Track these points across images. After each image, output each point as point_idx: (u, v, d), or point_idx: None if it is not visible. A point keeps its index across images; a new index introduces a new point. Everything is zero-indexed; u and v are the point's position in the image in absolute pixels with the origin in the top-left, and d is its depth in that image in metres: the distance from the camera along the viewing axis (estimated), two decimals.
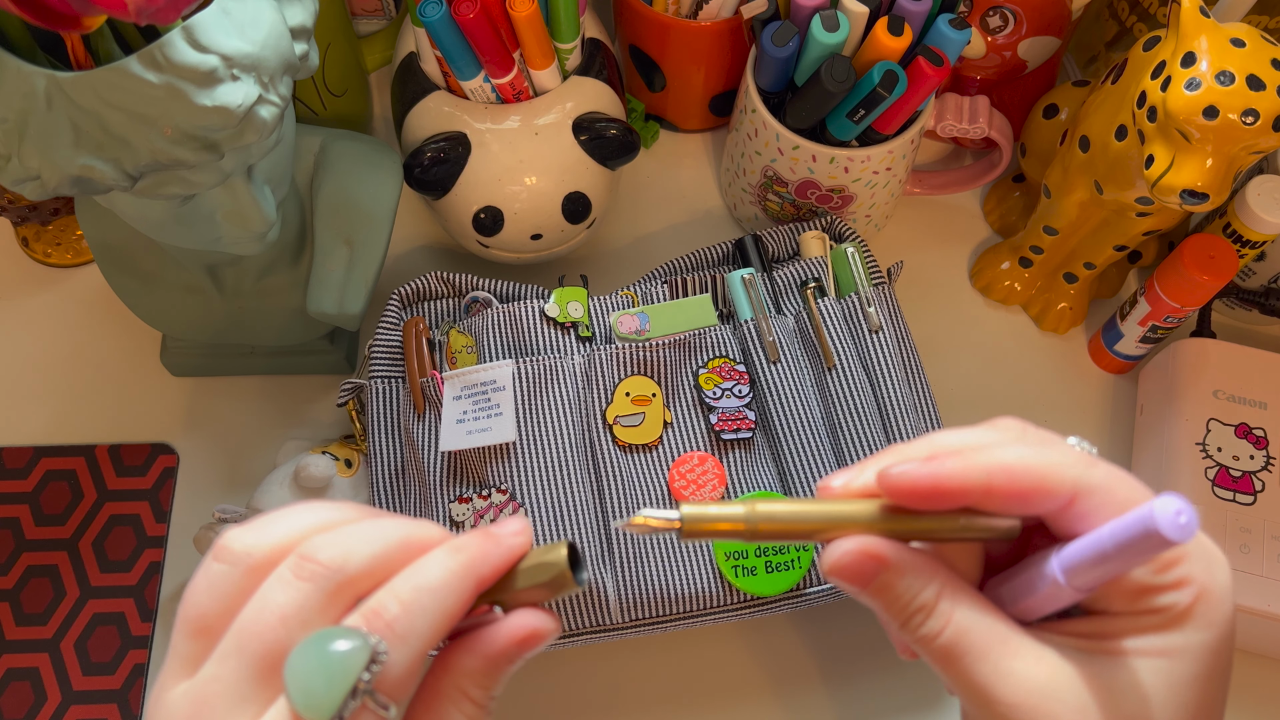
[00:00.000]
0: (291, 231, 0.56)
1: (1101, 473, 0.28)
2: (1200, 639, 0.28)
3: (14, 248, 0.68)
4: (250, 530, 0.29)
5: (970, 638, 0.28)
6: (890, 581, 0.28)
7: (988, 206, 0.71)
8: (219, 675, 0.27)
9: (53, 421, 0.63)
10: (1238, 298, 0.65)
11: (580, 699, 0.57)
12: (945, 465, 0.28)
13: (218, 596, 0.28)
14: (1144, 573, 0.28)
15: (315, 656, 0.26)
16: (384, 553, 0.28)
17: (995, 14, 0.63)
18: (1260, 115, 0.47)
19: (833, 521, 0.29)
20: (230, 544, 0.28)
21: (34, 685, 0.57)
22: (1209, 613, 0.28)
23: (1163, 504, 0.25)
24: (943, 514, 0.29)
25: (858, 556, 0.28)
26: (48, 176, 0.41)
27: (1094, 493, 0.28)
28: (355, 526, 0.29)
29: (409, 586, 0.27)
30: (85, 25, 0.38)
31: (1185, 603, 0.28)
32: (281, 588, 0.27)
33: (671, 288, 0.58)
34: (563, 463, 0.52)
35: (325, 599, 0.27)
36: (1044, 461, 0.28)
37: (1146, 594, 0.28)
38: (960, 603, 0.28)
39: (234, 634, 0.27)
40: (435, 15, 0.54)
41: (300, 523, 0.29)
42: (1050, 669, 0.27)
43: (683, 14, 0.64)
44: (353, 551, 0.28)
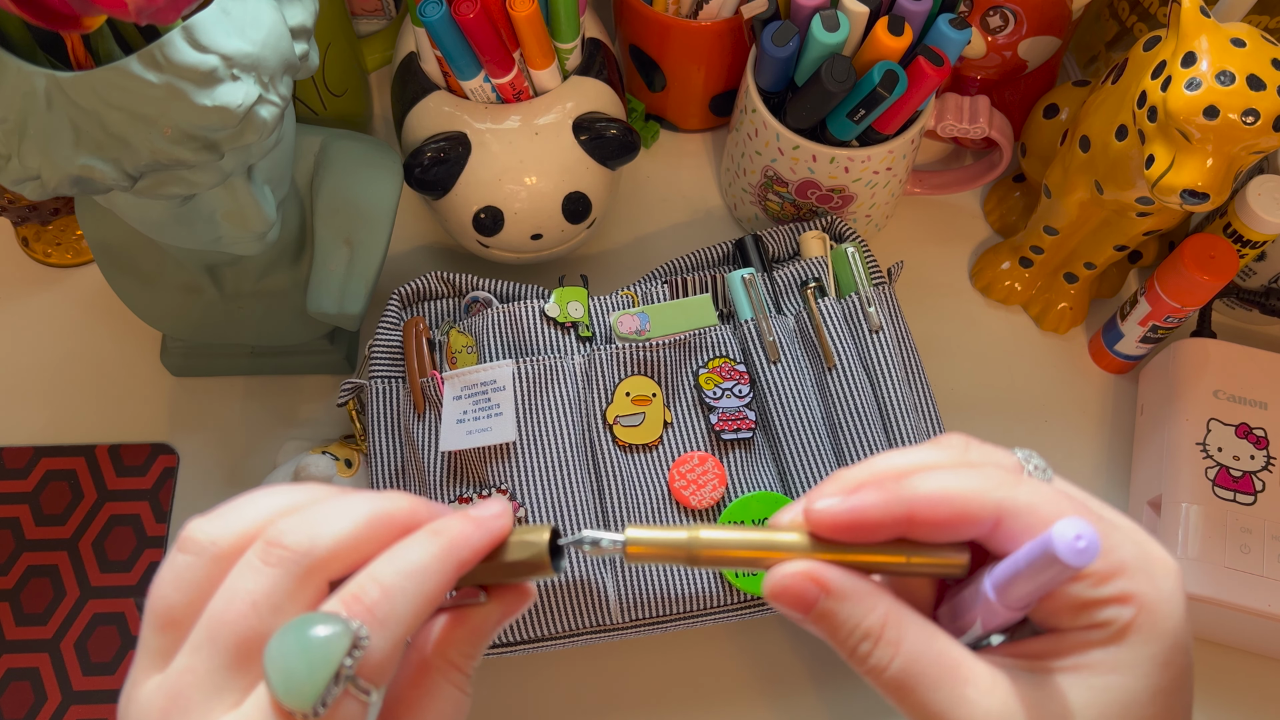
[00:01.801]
0: (291, 231, 0.56)
1: (1026, 493, 0.28)
2: (1147, 652, 0.27)
3: (14, 248, 0.68)
4: (214, 518, 0.28)
5: (921, 665, 0.27)
6: (832, 608, 0.28)
7: (988, 206, 0.71)
8: (192, 666, 0.26)
9: (53, 421, 0.63)
10: (1238, 298, 0.65)
11: (580, 699, 0.57)
12: (864, 499, 0.28)
13: (184, 588, 0.27)
14: (1082, 588, 0.27)
15: (296, 643, 0.25)
16: (353, 532, 0.28)
17: (995, 14, 0.63)
18: (1260, 115, 0.47)
19: (775, 549, 0.28)
20: (194, 534, 0.28)
21: (34, 685, 0.57)
22: (1154, 624, 0.27)
23: (1061, 528, 0.25)
24: (881, 545, 0.28)
25: (799, 579, 0.28)
26: (48, 176, 0.41)
27: (1018, 514, 0.27)
28: (321, 507, 0.28)
29: (390, 570, 0.27)
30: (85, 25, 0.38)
31: (1126, 617, 0.27)
32: (251, 574, 0.27)
33: (671, 288, 0.58)
34: (563, 463, 0.52)
35: (295, 583, 0.27)
36: (966, 488, 0.28)
37: (1087, 609, 0.27)
38: (908, 629, 0.28)
39: (204, 624, 0.27)
40: (435, 15, 0.54)
41: (265, 507, 0.29)
42: (1004, 695, 0.27)
43: (683, 14, 0.64)
44: (319, 533, 0.27)
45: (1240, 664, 0.59)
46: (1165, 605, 0.27)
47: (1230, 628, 0.56)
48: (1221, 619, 0.55)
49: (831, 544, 0.28)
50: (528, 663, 0.57)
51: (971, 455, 0.30)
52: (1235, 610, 0.54)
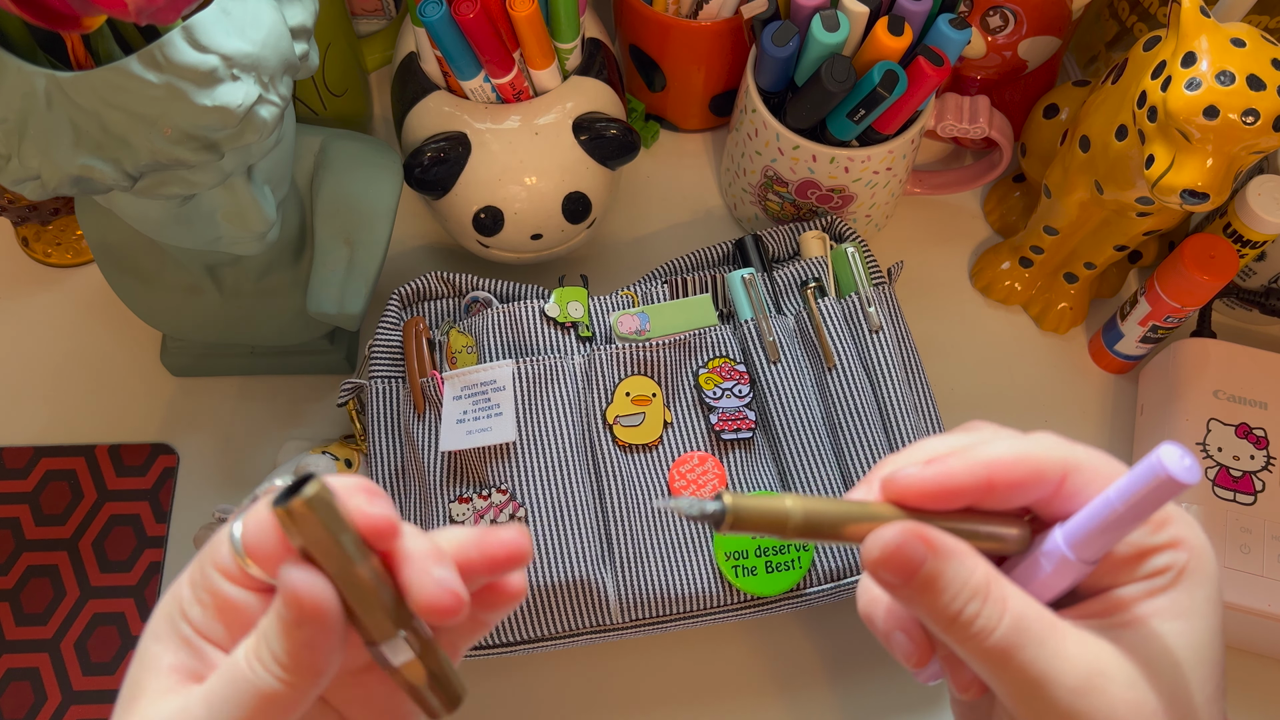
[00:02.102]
0: (291, 231, 0.56)
1: (1084, 451, 0.29)
2: (1203, 594, 0.28)
3: (14, 248, 0.68)
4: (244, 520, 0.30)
5: (1028, 622, 0.27)
6: (939, 569, 0.27)
7: (988, 206, 0.71)
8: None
9: (53, 421, 0.63)
10: (1238, 298, 0.65)
11: (580, 699, 0.57)
12: (948, 463, 0.28)
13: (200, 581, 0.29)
14: (1140, 536, 0.28)
15: None
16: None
17: (995, 14, 0.63)
18: (1260, 115, 0.47)
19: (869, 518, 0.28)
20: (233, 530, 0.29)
21: (34, 685, 0.57)
22: (1203, 568, 0.28)
23: (1168, 451, 0.26)
24: (949, 516, 0.28)
25: (908, 537, 0.27)
26: (48, 176, 0.41)
27: (1082, 469, 0.28)
28: None
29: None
30: (85, 25, 0.38)
31: (1181, 561, 0.28)
32: None
33: (671, 288, 0.58)
34: (563, 463, 0.52)
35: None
36: (1032, 448, 0.28)
37: (1145, 557, 0.28)
38: (1009, 587, 0.27)
39: None
40: (435, 15, 0.54)
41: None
42: (1097, 648, 0.27)
43: (683, 14, 0.64)
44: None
45: (1240, 664, 0.59)
46: (1207, 550, 0.29)
47: (1230, 628, 0.56)
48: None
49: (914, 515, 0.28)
50: (528, 663, 0.57)
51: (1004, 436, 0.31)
52: (1235, 610, 0.54)
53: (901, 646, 0.31)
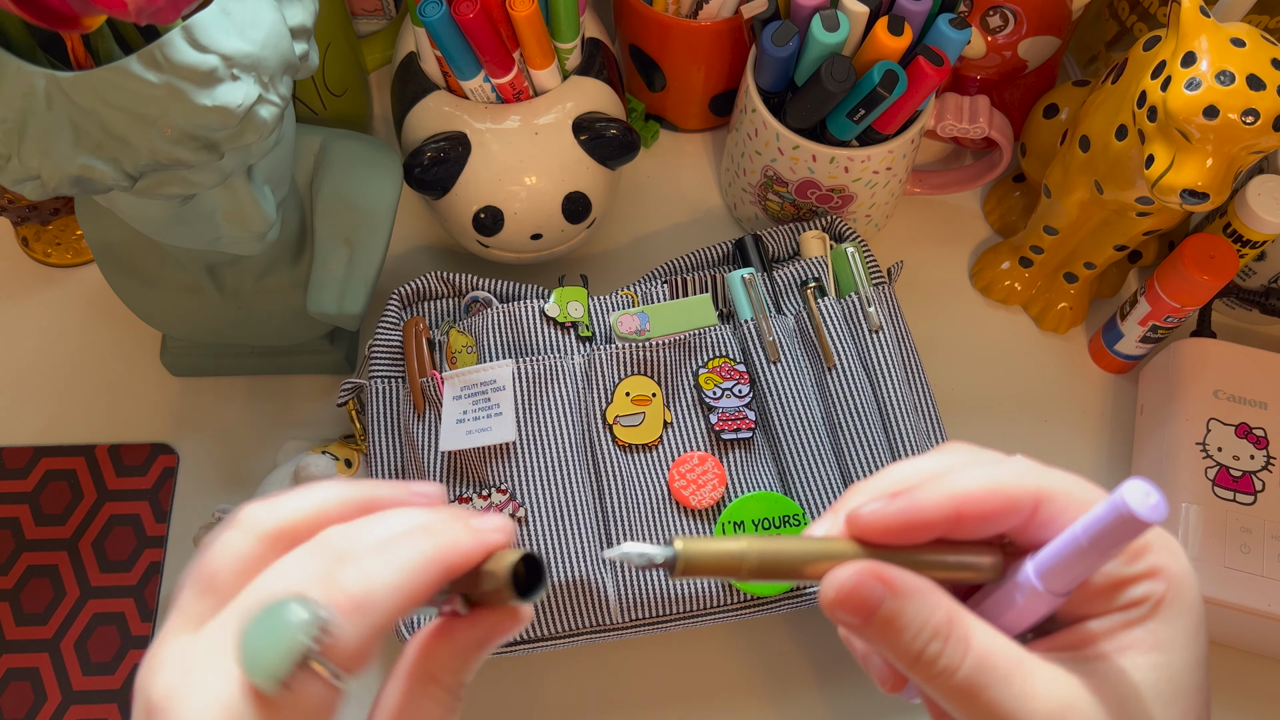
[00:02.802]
0: (291, 231, 0.56)
1: (1058, 478, 0.28)
2: (1182, 624, 0.27)
3: (14, 248, 0.68)
4: (269, 505, 0.29)
5: (992, 661, 0.26)
6: (898, 609, 0.26)
7: (988, 206, 0.71)
8: (217, 633, 0.27)
9: (53, 421, 0.63)
10: (1238, 298, 0.65)
11: (581, 699, 0.57)
12: (915, 498, 0.27)
13: (230, 560, 0.28)
14: (1115, 566, 0.27)
15: (264, 621, 0.26)
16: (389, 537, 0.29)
17: (995, 14, 0.63)
18: (1260, 115, 0.47)
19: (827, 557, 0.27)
20: (248, 515, 0.29)
21: (34, 685, 0.57)
22: (1182, 597, 0.28)
23: (1131, 488, 0.25)
24: (917, 549, 0.28)
25: (863, 578, 0.26)
26: (48, 176, 0.41)
27: (1055, 497, 0.27)
28: (374, 521, 0.29)
29: (377, 562, 0.27)
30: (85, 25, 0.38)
31: (1159, 592, 0.27)
32: (294, 563, 0.28)
33: (671, 288, 0.58)
34: (563, 463, 0.52)
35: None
36: (1004, 477, 0.28)
37: (1121, 588, 0.27)
38: (973, 625, 0.27)
39: (243, 598, 0.27)
40: (435, 15, 0.54)
41: (316, 499, 0.30)
42: (1066, 684, 0.27)
43: (683, 14, 0.64)
44: (362, 538, 0.28)
45: (1240, 664, 0.59)
46: (1188, 578, 0.28)
47: (1230, 628, 0.56)
48: (1221, 619, 0.55)
49: (879, 550, 0.27)
50: (528, 663, 0.57)
51: (980, 460, 0.30)
52: (1235, 610, 0.54)
53: (878, 671, 0.31)
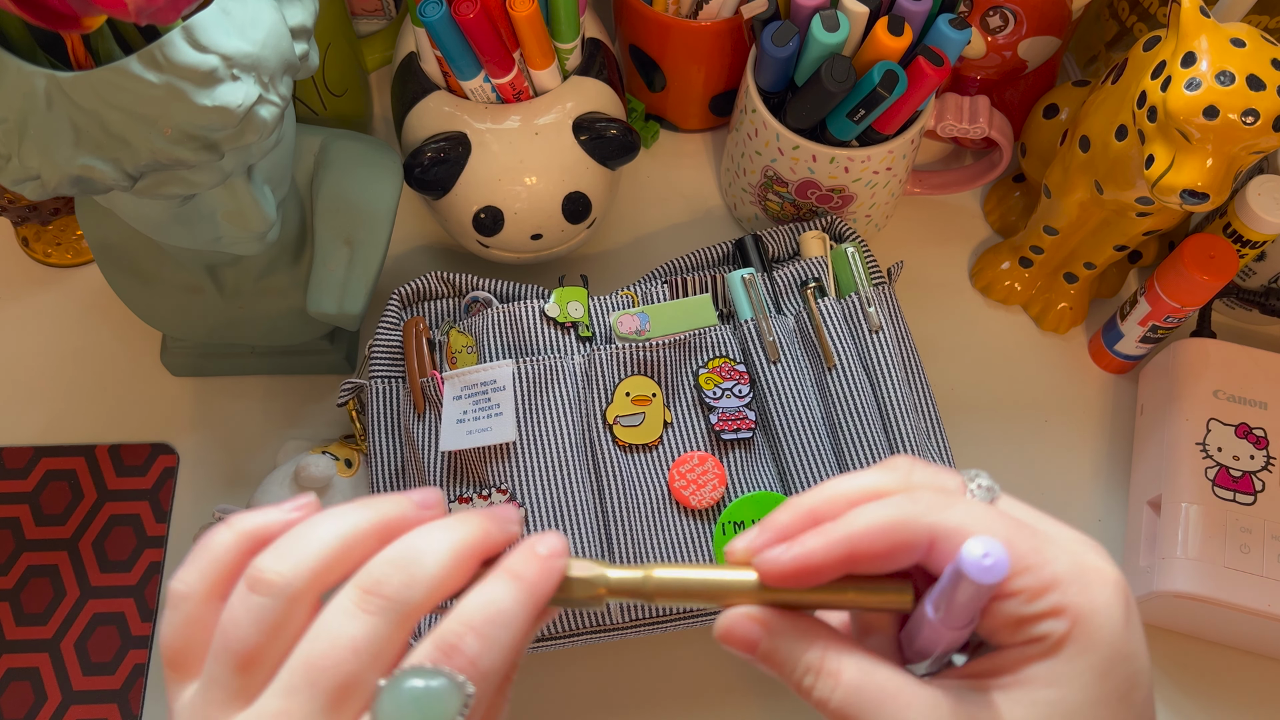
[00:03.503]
0: (291, 231, 0.56)
1: (958, 514, 0.28)
2: (1085, 663, 0.27)
3: (14, 248, 0.68)
4: (282, 555, 0.28)
5: (862, 695, 0.28)
6: (774, 646, 0.29)
7: (988, 206, 0.71)
8: (288, 709, 0.26)
9: (53, 421, 0.63)
10: (1238, 298, 0.65)
11: (580, 699, 0.57)
12: (806, 546, 0.28)
13: (263, 629, 0.27)
14: (1015, 604, 0.28)
15: (412, 699, 0.26)
16: (440, 575, 0.28)
17: (995, 14, 0.63)
18: (1260, 115, 0.47)
19: (727, 590, 0.29)
20: (266, 574, 0.28)
21: (34, 685, 0.57)
22: (1089, 635, 0.28)
23: (969, 547, 0.26)
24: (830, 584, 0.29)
25: (742, 623, 0.29)
26: (48, 176, 0.41)
27: (949, 535, 0.28)
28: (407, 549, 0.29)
29: (483, 619, 0.28)
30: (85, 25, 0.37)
31: (1060, 630, 0.27)
32: (349, 620, 0.27)
33: (671, 288, 0.58)
34: (563, 463, 0.52)
35: (394, 629, 0.27)
36: (900, 515, 0.28)
37: (1023, 625, 0.28)
38: (847, 661, 0.29)
39: (301, 667, 0.27)
40: (435, 15, 0.54)
41: (327, 538, 0.29)
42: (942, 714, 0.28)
43: (683, 14, 0.64)
44: (416, 580, 0.28)
45: (1240, 664, 0.59)
46: (1100, 616, 0.28)
47: (1230, 628, 0.56)
48: (1221, 619, 0.55)
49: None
50: (528, 663, 0.57)
51: (915, 478, 0.30)
52: (1235, 610, 0.54)
53: None
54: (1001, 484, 0.30)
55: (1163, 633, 0.60)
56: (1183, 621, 0.58)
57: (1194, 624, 0.58)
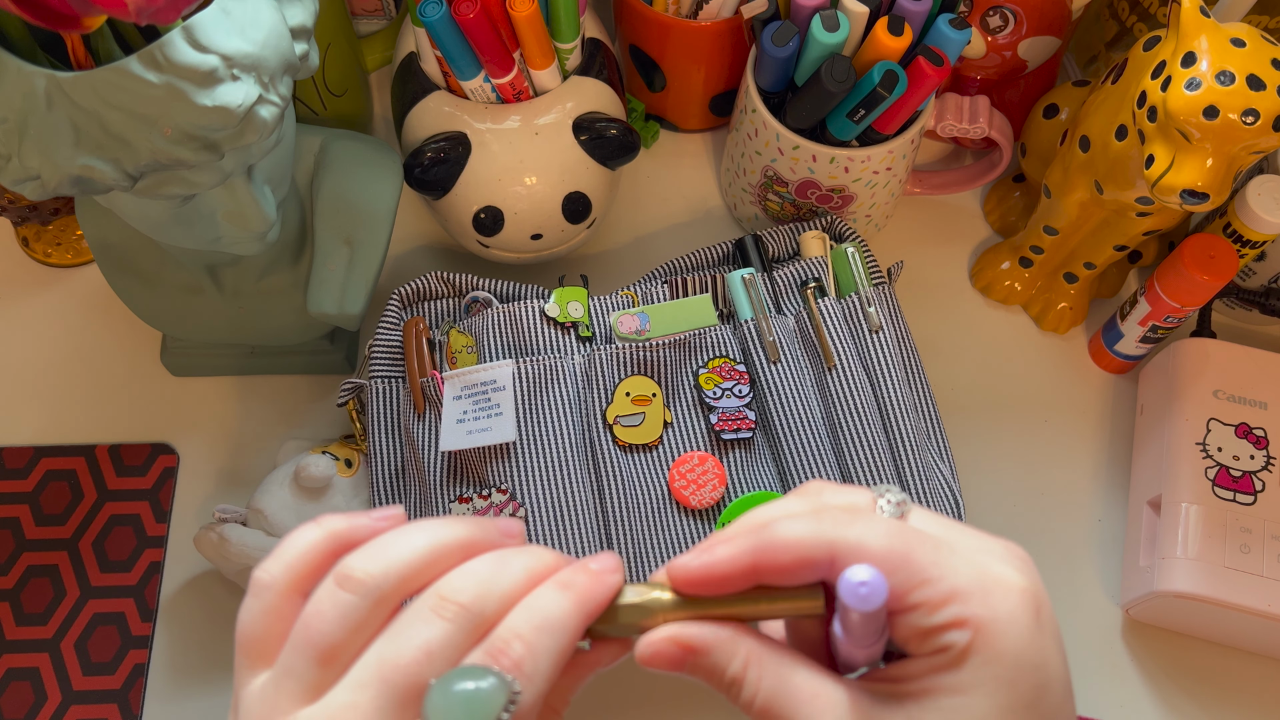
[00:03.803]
0: (291, 231, 0.56)
1: (857, 531, 0.29)
2: (989, 673, 0.28)
3: (14, 248, 0.68)
4: (373, 557, 0.29)
5: (780, 699, 0.29)
6: (699, 662, 0.30)
7: (988, 206, 0.71)
8: (356, 703, 0.27)
9: (53, 421, 0.63)
10: (1238, 298, 0.65)
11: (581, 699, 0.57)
12: (714, 554, 0.30)
13: (350, 627, 0.28)
14: (916, 618, 0.28)
15: (460, 694, 0.27)
16: (514, 591, 0.30)
17: (995, 14, 0.63)
18: (1260, 115, 0.47)
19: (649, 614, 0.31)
20: (356, 573, 0.29)
21: (34, 685, 0.57)
22: (992, 645, 0.28)
23: (848, 574, 0.27)
24: (743, 594, 0.30)
25: (664, 645, 0.30)
26: (48, 176, 0.41)
27: (849, 553, 0.29)
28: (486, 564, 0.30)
29: (530, 626, 0.29)
30: (85, 25, 0.37)
31: (963, 641, 0.28)
32: (424, 624, 0.28)
33: (671, 288, 0.58)
34: (563, 463, 0.52)
35: (464, 637, 0.28)
36: (802, 533, 0.29)
37: (929, 636, 0.28)
38: (768, 668, 0.30)
39: (375, 664, 0.28)
40: (435, 15, 0.54)
41: (418, 545, 0.30)
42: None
43: (683, 14, 0.64)
44: (489, 593, 0.29)
45: (1240, 664, 0.59)
46: (1003, 625, 0.28)
47: (1230, 628, 0.56)
48: (1221, 619, 0.55)
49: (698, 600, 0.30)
50: None
51: (826, 499, 0.32)
52: (1235, 610, 0.54)
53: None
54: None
55: (1163, 633, 0.60)
56: (1183, 621, 0.58)
57: (1194, 624, 0.58)
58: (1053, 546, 0.62)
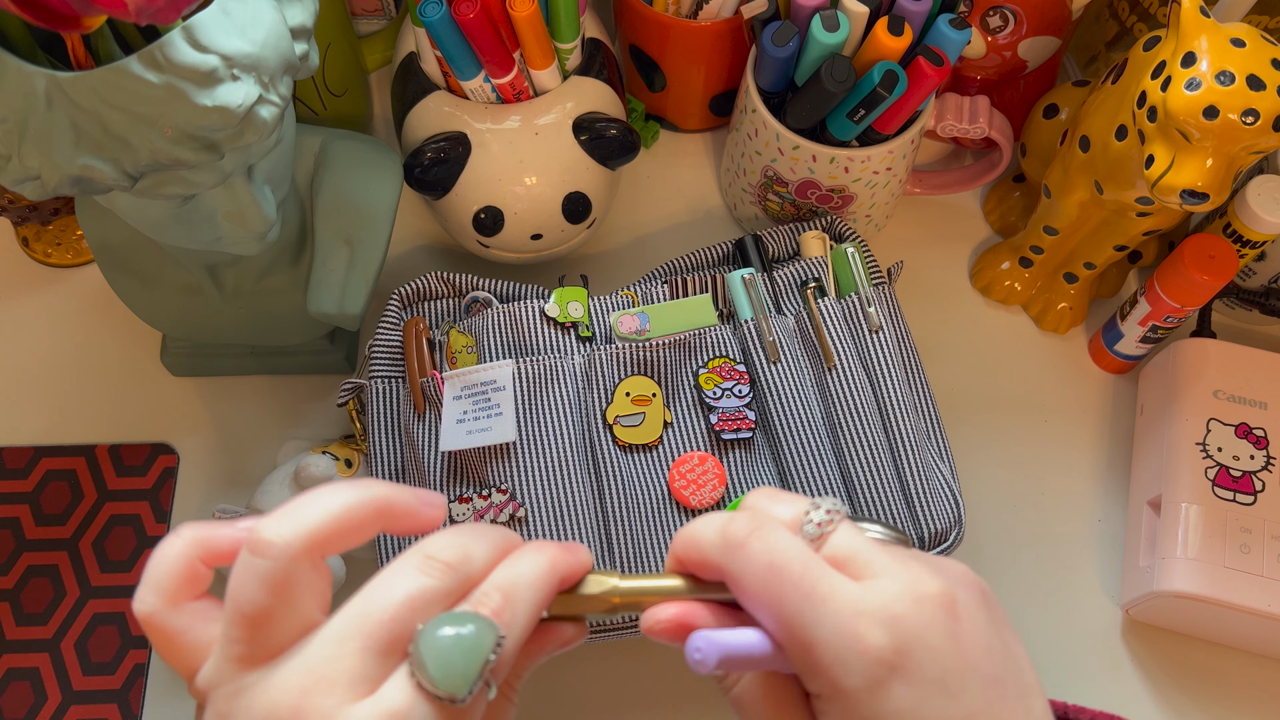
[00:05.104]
0: (291, 231, 0.56)
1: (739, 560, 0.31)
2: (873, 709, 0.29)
3: (14, 248, 0.68)
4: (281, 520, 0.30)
5: (754, 694, 0.32)
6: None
7: (988, 206, 0.71)
8: (340, 655, 0.28)
9: (53, 421, 0.63)
10: (1238, 298, 0.65)
11: (580, 699, 0.57)
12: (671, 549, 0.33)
13: (272, 590, 0.29)
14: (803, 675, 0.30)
15: (451, 637, 0.28)
16: (494, 555, 0.31)
17: (995, 14, 0.63)
18: (1260, 115, 0.47)
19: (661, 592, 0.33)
20: (265, 534, 0.29)
21: (34, 685, 0.57)
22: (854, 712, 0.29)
23: (691, 641, 0.30)
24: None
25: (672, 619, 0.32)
26: (48, 176, 0.41)
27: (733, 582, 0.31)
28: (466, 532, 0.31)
29: (508, 580, 0.31)
30: (85, 25, 0.37)
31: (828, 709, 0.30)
32: (408, 578, 0.30)
33: (671, 288, 0.58)
34: (563, 463, 0.52)
35: (449, 593, 0.30)
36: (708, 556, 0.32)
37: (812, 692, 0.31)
38: None
39: (357, 618, 0.29)
40: (435, 15, 0.54)
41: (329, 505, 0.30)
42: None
43: (683, 14, 0.64)
44: (473, 556, 0.31)
45: (1240, 664, 0.59)
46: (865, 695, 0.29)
47: (1230, 628, 0.56)
48: (1221, 619, 0.55)
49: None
50: None
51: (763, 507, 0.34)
52: (1235, 610, 0.54)
53: None
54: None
55: (1163, 633, 0.60)
56: (1183, 621, 0.58)
57: (1194, 624, 0.58)
58: (1053, 546, 0.62)
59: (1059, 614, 0.60)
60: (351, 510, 0.30)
